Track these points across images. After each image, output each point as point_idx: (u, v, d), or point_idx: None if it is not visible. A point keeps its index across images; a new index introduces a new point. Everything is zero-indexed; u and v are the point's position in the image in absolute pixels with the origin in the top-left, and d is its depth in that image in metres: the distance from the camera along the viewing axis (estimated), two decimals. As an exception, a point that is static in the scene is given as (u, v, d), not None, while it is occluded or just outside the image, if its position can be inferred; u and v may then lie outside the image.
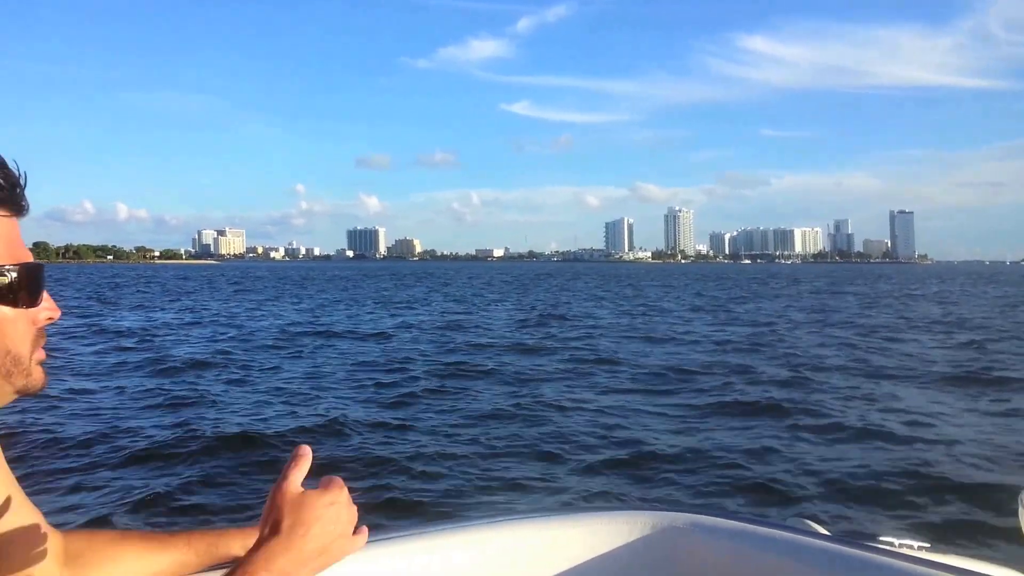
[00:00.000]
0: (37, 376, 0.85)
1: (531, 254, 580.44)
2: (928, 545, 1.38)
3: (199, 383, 10.51)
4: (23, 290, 0.82)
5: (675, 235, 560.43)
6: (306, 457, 0.88)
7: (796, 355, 13.95)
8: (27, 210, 0.84)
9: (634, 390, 10.19)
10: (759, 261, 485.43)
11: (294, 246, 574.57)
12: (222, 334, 17.94)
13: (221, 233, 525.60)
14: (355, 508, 0.91)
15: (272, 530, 0.85)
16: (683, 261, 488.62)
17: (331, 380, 10.94)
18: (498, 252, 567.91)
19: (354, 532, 0.91)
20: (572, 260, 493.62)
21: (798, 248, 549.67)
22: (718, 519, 1.52)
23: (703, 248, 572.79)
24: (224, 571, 0.88)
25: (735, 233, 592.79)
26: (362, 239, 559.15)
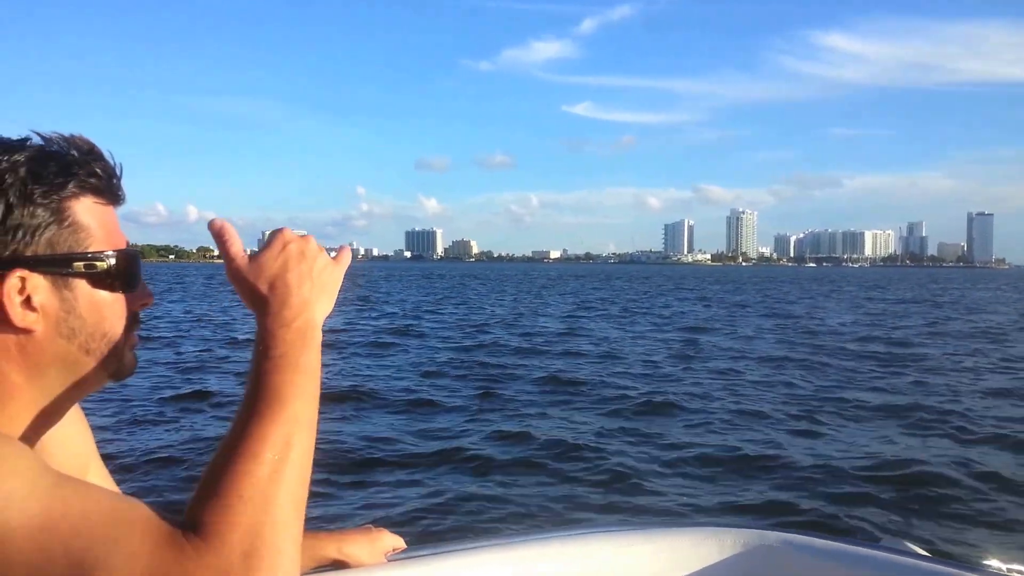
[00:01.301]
0: (129, 361, 0.88)
1: (588, 256, 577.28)
2: None
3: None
4: (121, 276, 0.84)
5: (737, 237, 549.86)
6: (225, 227, 0.87)
7: (671, 372, 12.34)
8: (123, 200, 0.88)
9: (398, 408, 8.88)
10: (825, 264, 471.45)
11: (354, 247, 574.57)
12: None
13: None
14: (310, 237, 0.89)
15: (259, 302, 0.84)
16: (744, 264, 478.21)
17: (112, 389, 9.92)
18: (555, 254, 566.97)
19: (335, 257, 0.91)
20: (628, 262, 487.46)
21: (868, 251, 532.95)
22: (812, 538, 1.43)
23: (766, 251, 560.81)
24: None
25: (801, 235, 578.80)
26: (420, 240, 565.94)
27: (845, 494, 5.81)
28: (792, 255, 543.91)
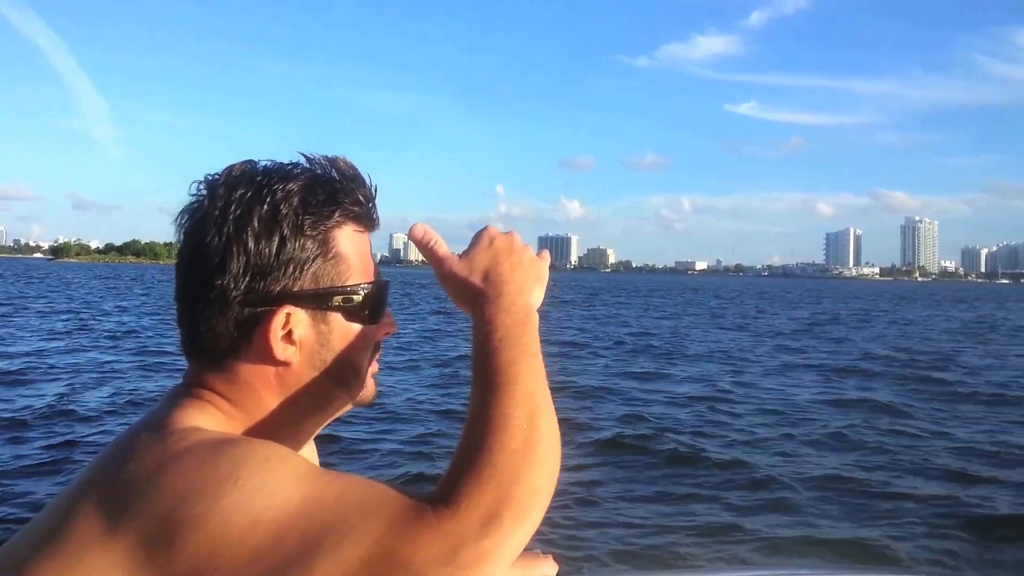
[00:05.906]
0: (371, 388, 0.96)
1: (738, 268, 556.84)
2: None
3: None
4: (371, 306, 0.91)
5: (914, 249, 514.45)
6: (428, 231, 0.96)
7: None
8: (379, 225, 0.94)
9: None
10: (1022, 281, 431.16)
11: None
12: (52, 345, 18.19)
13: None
14: (514, 232, 0.98)
15: (475, 294, 0.91)
16: (921, 279, 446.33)
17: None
18: (700, 264, 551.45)
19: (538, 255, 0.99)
20: (782, 276, 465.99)
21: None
22: None
23: (950, 264, 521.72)
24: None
25: (994, 248, 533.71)
26: (553, 247, 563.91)
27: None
28: (983, 270, 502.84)
